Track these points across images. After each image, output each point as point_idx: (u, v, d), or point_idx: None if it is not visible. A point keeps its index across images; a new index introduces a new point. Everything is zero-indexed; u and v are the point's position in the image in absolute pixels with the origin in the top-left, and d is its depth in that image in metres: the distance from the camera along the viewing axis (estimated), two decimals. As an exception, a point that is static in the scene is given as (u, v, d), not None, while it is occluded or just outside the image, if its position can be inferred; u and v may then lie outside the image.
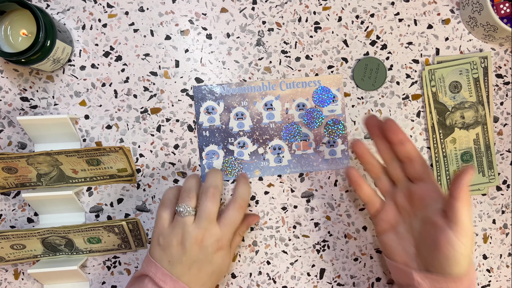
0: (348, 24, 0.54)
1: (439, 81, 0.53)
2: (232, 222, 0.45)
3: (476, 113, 0.53)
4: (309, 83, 0.54)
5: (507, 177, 0.55)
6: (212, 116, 0.53)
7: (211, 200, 0.44)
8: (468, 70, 0.53)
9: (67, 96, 0.52)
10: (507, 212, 0.55)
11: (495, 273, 0.55)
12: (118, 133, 0.53)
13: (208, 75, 0.53)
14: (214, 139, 0.53)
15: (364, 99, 0.54)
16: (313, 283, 0.54)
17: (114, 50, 0.52)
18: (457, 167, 0.54)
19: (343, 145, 0.54)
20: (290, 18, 0.53)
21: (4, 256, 0.50)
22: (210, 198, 0.44)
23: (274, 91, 0.54)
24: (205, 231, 0.44)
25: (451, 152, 0.54)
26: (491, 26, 0.50)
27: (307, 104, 0.54)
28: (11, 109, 0.52)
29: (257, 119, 0.54)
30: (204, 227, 0.43)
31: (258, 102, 0.53)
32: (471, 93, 0.53)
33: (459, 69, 0.53)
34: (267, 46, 0.53)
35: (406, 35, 0.54)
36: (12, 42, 0.46)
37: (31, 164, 0.49)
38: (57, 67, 0.50)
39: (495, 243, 0.55)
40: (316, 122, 0.54)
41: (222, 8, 0.53)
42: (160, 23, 0.53)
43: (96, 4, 0.52)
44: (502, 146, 0.55)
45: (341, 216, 0.54)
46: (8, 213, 0.52)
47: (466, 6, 0.52)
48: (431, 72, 0.53)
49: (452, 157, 0.54)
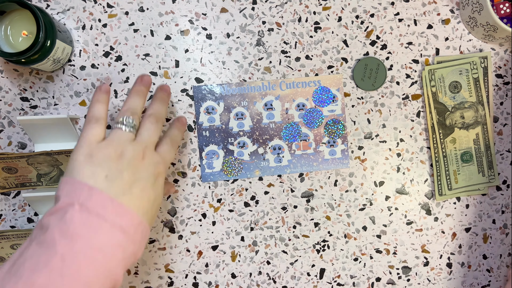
0: (348, 24, 0.54)
1: (439, 81, 0.53)
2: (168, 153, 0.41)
3: (476, 113, 0.53)
4: (309, 83, 0.54)
5: (507, 177, 0.55)
6: (212, 116, 0.53)
7: (155, 125, 0.40)
8: (468, 70, 0.53)
9: (67, 96, 0.52)
10: (507, 212, 0.55)
11: (495, 273, 0.55)
12: (118, 133, 0.53)
13: (208, 75, 0.53)
14: (214, 139, 0.53)
15: (364, 99, 0.54)
16: (313, 283, 0.54)
17: (114, 50, 0.52)
18: (457, 167, 0.54)
19: (343, 145, 0.54)
20: (290, 18, 0.53)
21: (4, 256, 0.50)
22: (154, 123, 0.40)
23: (274, 91, 0.54)
24: (146, 149, 0.39)
25: (451, 152, 0.54)
26: (491, 26, 0.50)
27: (307, 104, 0.54)
28: (11, 109, 0.52)
29: (257, 119, 0.54)
30: (145, 146, 0.39)
31: (258, 102, 0.53)
32: (471, 93, 0.53)
33: (459, 69, 0.53)
34: (267, 46, 0.53)
35: (406, 35, 0.54)
36: (12, 42, 0.46)
37: (31, 164, 0.49)
38: (57, 67, 0.50)
39: (495, 243, 0.55)
40: (316, 122, 0.54)
41: (222, 8, 0.53)
42: (160, 23, 0.53)
43: (96, 4, 0.52)
44: (502, 146, 0.55)
45: (341, 216, 0.54)
46: (8, 213, 0.53)
47: (466, 6, 0.52)
48: (431, 72, 0.53)
49: (452, 157, 0.54)
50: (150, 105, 0.43)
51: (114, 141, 0.38)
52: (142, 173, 0.37)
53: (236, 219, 0.54)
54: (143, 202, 0.37)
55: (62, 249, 0.32)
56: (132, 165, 0.37)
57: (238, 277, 0.54)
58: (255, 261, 0.54)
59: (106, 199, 0.34)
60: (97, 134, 0.38)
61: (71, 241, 0.32)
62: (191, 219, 0.53)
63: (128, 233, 0.35)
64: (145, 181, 0.37)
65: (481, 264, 0.55)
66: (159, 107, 0.43)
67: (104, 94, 0.41)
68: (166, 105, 0.44)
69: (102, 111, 0.40)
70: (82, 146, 0.37)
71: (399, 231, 0.54)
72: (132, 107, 0.40)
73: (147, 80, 0.44)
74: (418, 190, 0.54)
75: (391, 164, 0.54)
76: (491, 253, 0.55)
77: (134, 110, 0.40)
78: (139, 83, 0.43)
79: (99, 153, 0.36)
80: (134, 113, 0.40)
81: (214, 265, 0.54)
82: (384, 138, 0.54)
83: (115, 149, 0.37)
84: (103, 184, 0.35)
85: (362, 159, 0.54)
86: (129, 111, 0.40)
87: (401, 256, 0.55)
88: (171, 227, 0.53)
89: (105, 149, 0.37)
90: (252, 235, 0.54)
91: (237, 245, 0.54)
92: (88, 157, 0.36)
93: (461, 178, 0.54)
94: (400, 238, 0.54)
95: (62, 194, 0.35)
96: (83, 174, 0.35)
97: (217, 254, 0.54)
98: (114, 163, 0.36)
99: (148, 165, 0.38)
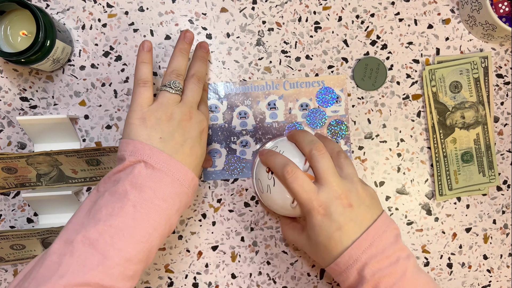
0: (348, 24, 0.54)
1: (439, 81, 0.53)
2: (206, 105, 0.47)
3: (477, 113, 0.53)
4: (313, 83, 0.54)
5: (507, 177, 0.55)
6: (215, 115, 0.53)
7: (197, 85, 0.44)
8: (468, 70, 0.53)
9: (66, 96, 0.52)
10: (508, 212, 0.55)
11: (496, 273, 0.55)
12: (118, 133, 0.52)
13: (208, 75, 0.53)
14: (216, 138, 0.53)
15: (364, 99, 0.54)
16: (313, 283, 0.54)
17: (114, 50, 0.52)
18: (458, 167, 0.53)
19: (346, 145, 0.54)
20: (290, 18, 0.53)
21: (4, 256, 0.50)
22: (196, 83, 0.45)
23: (277, 91, 0.53)
24: (191, 109, 0.43)
25: (451, 152, 0.53)
26: (490, 25, 0.50)
27: (310, 104, 0.54)
28: (10, 109, 0.52)
29: (260, 118, 0.54)
30: (190, 106, 0.43)
31: (261, 102, 0.53)
32: (472, 93, 0.53)
33: (459, 69, 0.53)
34: (267, 46, 0.53)
35: (406, 35, 0.54)
36: (12, 42, 0.46)
37: (30, 164, 0.49)
38: (57, 67, 0.50)
39: (495, 243, 0.55)
40: (319, 123, 0.54)
41: (222, 8, 0.53)
42: (160, 23, 0.53)
43: (96, 4, 0.52)
44: (502, 146, 0.55)
45: (341, 216, 0.54)
46: (8, 213, 0.52)
47: (465, 4, 0.52)
48: (432, 72, 0.53)
49: (452, 157, 0.53)
50: (191, 65, 0.47)
51: (163, 104, 0.42)
52: (191, 133, 0.42)
53: (236, 219, 0.53)
54: (192, 159, 0.42)
55: (134, 197, 0.38)
56: (181, 126, 0.41)
57: (238, 277, 0.54)
58: (255, 262, 0.54)
59: (165, 157, 0.40)
60: (147, 97, 0.42)
61: (140, 192, 0.38)
62: (191, 219, 0.53)
63: (184, 185, 0.40)
64: (193, 140, 0.42)
65: (481, 265, 0.55)
66: (199, 66, 0.47)
67: (147, 52, 0.44)
68: (206, 63, 0.48)
69: (148, 72, 0.44)
70: (135, 110, 0.42)
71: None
72: (176, 68, 0.44)
73: (189, 36, 0.46)
74: (419, 190, 0.54)
75: (391, 164, 0.54)
76: (491, 253, 0.55)
77: (178, 71, 0.44)
78: (182, 40, 0.46)
79: (151, 116, 0.41)
80: (178, 74, 0.44)
81: (214, 265, 0.53)
82: (384, 138, 0.54)
83: (165, 112, 0.41)
84: (158, 145, 0.40)
85: (363, 159, 0.54)
86: (174, 73, 0.44)
87: (401, 256, 0.54)
88: (171, 227, 0.53)
89: (156, 113, 0.41)
90: (252, 235, 0.54)
91: (237, 245, 0.54)
92: (142, 120, 0.41)
93: (461, 178, 0.54)
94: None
95: (127, 154, 0.40)
96: (141, 137, 0.40)
97: (217, 254, 0.53)
98: (165, 126, 0.41)
99: (195, 123, 0.43)
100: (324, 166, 0.42)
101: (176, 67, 0.44)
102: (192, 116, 0.43)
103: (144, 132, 0.41)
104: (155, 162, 0.39)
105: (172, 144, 0.41)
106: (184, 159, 0.41)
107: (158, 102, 0.42)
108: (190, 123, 0.42)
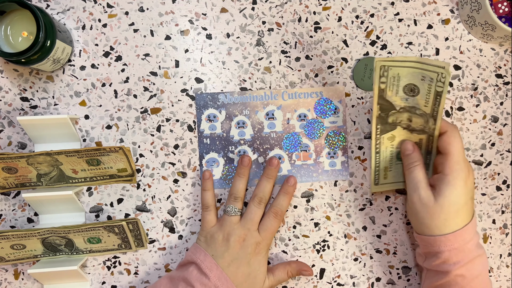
0: (348, 24, 0.54)
1: (391, 79, 0.46)
2: (270, 228, 0.50)
3: (426, 124, 0.47)
4: (311, 94, 0.54)
5: (507, 177, 0.55)
6: (214, 124, 0.53)
7: (257, 207, 0.50)
8: (432, 79, 0.44)
9: (67, 96, 0.52)
10: (507, 212, 0.55)
11: (495, 273, 0.55)
12: (118, 133, 0.53)
13: (208, 75, 0.53)
14: (214, 147, 0.53)
15: (364, 99, 0.54)
16: (313, 283, 0.54)
17: (114, 50, 0.52)
18: (390, 165, 0.51)
19: (343, 156, 0.54)
20: (290, 18, 0.53)
21: (4, 256, 0.50)
22: (257, 205, 0.50)
23: (276, 101, 0.53)
24: (248, 232, 0.49)
25: (386, 149, 0.50)
26: (489, 25, 0.50)
27: (308, 114, 0.54)
28: (11, 109, 0.52)
29: (258, 128, 0.53)
30: (248, 227, 0.49)
31: (259, 111, 0.53)
32: (427, 104, 0.46)
33: (422, 74, 0.44)
34: (267, 46, 0.53)
35: (406, 35, 0.54)
36: (12, 42, 0.46)
37: (31, 164, 0.49)
38: (57, 67, 0.50)
39: (495, 243, 0.55)
40: (317, 133, 0.54)
41: (222, 8, 0.53)
42: (160, 23, 0.53)
43: (96, 4, 0.52)
44: (502, 146, 0.55)
45: (341, 216, 0.54)
46: (8, 213, 0.52)
47: (464, 5, 0.52)
48: (384, 68, 0.45)
49: (386, 154, 0.50)
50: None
51: (223, 226, 0.49)
52: (240, 253, 0.48)
53: (236, 219, 0.54)
54: (236, 276, 0.47)
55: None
56: (231, 247, 0.48)
57: (238, 277, 0.54)
58: (255, 261, 0.54)
59: (214, 264, 0.47)
60: (210, 220, 0.51)
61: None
62: (191, 219, 0.53)
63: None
64: (240, 260, 0.48)
65: (481, 264, 0.55)
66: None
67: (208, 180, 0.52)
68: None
69: (210, 199, 0.52)
70: (202, 230, 0.51)
71: (399, 231, 0.54)
72: (234, 192, 0.50)
73: (245, 161, 0.51)
74: (418, 190, 0.54)
75: (391, 164, 0.54)
76: (491, 253, 0.55)
77: (236, 194, 0.50)
78: (239, 165, 0.52)
79: (211, 238, 0.49)
80: (236, 197, 0.50)
81: (214, 265, 0.53)
82: (384, 138, 0.54)
83: (223, 233, 0.49)
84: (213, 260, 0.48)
85: (362, 159, 0.54)
86: (232, 196, 0.50)
87: (401, 256, 0.54)
88: (171, 227, 0.53)
89: (216, 234, 0.49)
90: (252, 235, 0.54)
91: (237, 245, 0.54)
92: (204, 239, 0.50)
93: (391, 174, 0.52)
94: (400, 238, 0.54)
95: (190, 252, 0.49)
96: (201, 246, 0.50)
97: (217, 254, 0.53)
98: (219, 246, 0.48)
99: (247, 246, 0.48)
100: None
101: (234, 192, 0.50)
102: (245, 238, 0.48)
103: (203, 246, 0.49)
104: (204, 266, 0.47)
105: (221, 262, 0.47)
106: (229, 274, 0.47)
107: (219, 224, 0.50)
108: (242, 245, 0.48)
